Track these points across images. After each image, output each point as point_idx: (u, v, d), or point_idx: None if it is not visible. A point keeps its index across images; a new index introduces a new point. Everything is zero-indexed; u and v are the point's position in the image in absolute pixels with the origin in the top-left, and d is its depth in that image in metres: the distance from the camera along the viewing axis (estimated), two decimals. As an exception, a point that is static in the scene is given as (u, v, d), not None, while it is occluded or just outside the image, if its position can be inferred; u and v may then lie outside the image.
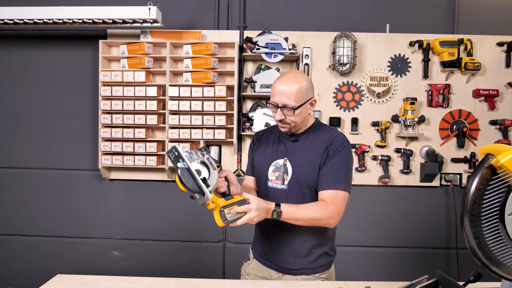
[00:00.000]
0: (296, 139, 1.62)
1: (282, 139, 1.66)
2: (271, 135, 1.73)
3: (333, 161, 1.52)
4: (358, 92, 2.93)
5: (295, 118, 1.52)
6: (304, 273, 1.61)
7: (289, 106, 1.48)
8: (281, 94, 1.48)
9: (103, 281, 1.48)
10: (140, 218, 3.04)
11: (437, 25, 2.98)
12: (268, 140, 1.71)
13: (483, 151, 1.02)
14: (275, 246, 1.64)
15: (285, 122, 1.53)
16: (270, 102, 1.53)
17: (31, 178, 3.07)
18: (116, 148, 2.86)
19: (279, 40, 2.79)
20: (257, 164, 1.70)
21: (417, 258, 2.99)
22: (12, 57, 3.06)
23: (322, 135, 1.60)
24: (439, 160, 2.85)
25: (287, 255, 1.61)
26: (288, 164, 1.59)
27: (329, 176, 1.51)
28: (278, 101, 1.49)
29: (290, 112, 1.49)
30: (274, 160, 1.62)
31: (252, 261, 1.74)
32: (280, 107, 1.50)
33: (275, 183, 1.60)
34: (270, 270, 1.66)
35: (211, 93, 2.80)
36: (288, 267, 1.62)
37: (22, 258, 3.09)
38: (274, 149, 1.65)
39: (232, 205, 1.31)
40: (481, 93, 2.83)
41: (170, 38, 2.89)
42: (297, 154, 1.59)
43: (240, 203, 1.33)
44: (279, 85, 1.50)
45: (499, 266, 1.00)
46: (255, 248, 1.75)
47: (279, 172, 1.60)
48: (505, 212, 0.96)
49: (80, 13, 2.58)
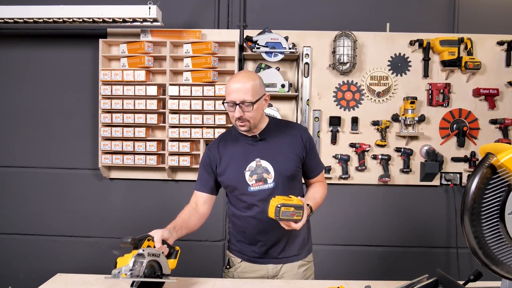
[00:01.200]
0: (262, 137, 1.64)
1: (245, 143, 1.65)
2: (228, 144, 1.70)
3: (313, 152, 1.71)
4: (358, 91, 2.93)
5: (253, 114, 1.56)
6: (301, 257, 1.71)
7: (248, 101, 1.53)
8: (238, 91, 1.52)
9: (103, 280, 1.47)
10: (140, 217, 3.04)
11: (437, 24, 2.97)
12: (229, 149, 1.68)
13: (483, 150, 1.02)
14: (272, 243, 1.66)
15: (244, 119, 1.55)
16: (227, 102, 1.55)
17: (31, 177, 3.07)
18: (116, 147, 2.86)
19: (279, 39, 2.79)
20: (227, 176, 1.65)
21: (417, 257, 2.99)
22: (12, 56, 3.06)
23: (285, 130, 1.69)
24: (439, 159, 2.85)
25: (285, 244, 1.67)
26: (265, 163, 1.61)
27: (316, 164, 1.74)
28: (236, 98, 1.53)
29: (249, 107, 1.53)
30: (247, 165, 1.61)
31: (241, 265, 1.72)
32: (238, 104, 1.53)
33: (258, 186, 1.61)
34: (267, 266, 1.68)
35: (211, 92, 2.80)
36: (288, 255, 1.68)
37: (23, 257, 3.09)
38: (242, 155, 1.64)
39: (290, 206, 1.39)
40: (481, 92, 2.83)
41: (170, 37, 2.89)
42: (270, 151, 1.62)
43: (297, 208, 1.40)
44: (234, 83, 1.55)
45: (499, 265, 1.00)
46: (243, 252, 1.72)
47: (256, 174, 1.60)
48: (505, 211, 0.96)
49: (80, 12, 2.57)
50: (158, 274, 1.31)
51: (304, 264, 1.73)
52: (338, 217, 2.97)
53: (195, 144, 2.91)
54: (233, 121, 1.60)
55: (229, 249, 1.80)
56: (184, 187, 3.00)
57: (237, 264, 1.73)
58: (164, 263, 1.34)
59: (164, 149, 2.88)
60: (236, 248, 1.75)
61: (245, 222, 1.67)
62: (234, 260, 1.75)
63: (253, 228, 1.65)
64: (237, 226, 1.72)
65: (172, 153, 2.85)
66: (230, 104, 1.55)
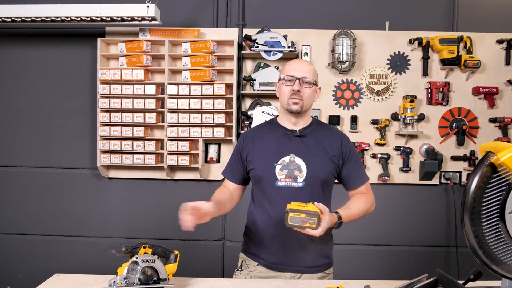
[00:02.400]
0: (302, 134, 1.60)
1: (283, 136, 1.62)
2: (264, 133, 1.67)
3: (354, 160, 1.63)
4: (358, 90, 2.92)
5: (309, 94, 1.56)
6: (321, 270, 1.63)
7: (308, 78, 1.54)
8: (301, 69, 1.55)
9: (102, 280, 1.47)
10: (139, 216, 3.03)
11: (436, 23, 2.97)
12: (264, 139, 1.64)
13: (483, 149, 1.02)
14: (291, 250, 1.57)
15: (300, 95, 1.54)
16: (286, 76, 1.55)
17: (29, 177, 3.06)
18: (115, 146, 2.85)
19: (278, 38, 2.78)
20: (256, 165, 1.60)
21: (417, 256, 2.99)
22: (10, 55, 3.04)
23: (326, 133, 1.64)
24: (439, 158, 2.84)
25: (306, 252, 1.58)
26: (299, 160, 1.55)
27: (358, 173, 1.65)
28: (297, 74, 1.54)
29: (308, 85, 1.55)
30: (280, 158, 1.56)
31: (257, 268, 1.63)
32: (299, 79, 1.53)
33: (286, 182, 1.54)
34: (284, 274, 1.59)
35: (210, 91, 2.79)
36: (308, 265, 1.60)
37: (21, 257, 3.08)
38: (276, 147, 1.59)
39: (301, 212, 1.33)
40: (480, 91, 2.82)
41: (168, 36, 2.88)
42: (307, 150, 1.57)
43: (309, 214, 1.33)
44: (297, 62, 1.61)
45: (499, 265, 0.99)
46: (261, 256, 1.62)
47: (287, 170, 1.55)
48: (506, 210, 0.96)
49: (79, 11, 2.56)
50: (155, 280, 1.32)
51: (324, 277, 1.64)
52: (337, 216, 2.96)
53: (194, 143, 2.90)
54: (286, 99, 1.57)
55: (244, 251, 1.70)
56: (183, 186, 2.99)
57: (252, 267, 1.64)
58: (160, 268, 1.35)
59: (163, 149, 2.87)
60: (252, 250, 1.65)
61: (267, 221, 1.59)
62: (248, 263, 1.66)
63: (274, 229, 1.57)
64: (257, 225, 1.62)
65: (171, 152, 2.84)
66: (289, 78, 1.55)
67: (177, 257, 1.42)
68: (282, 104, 1.61)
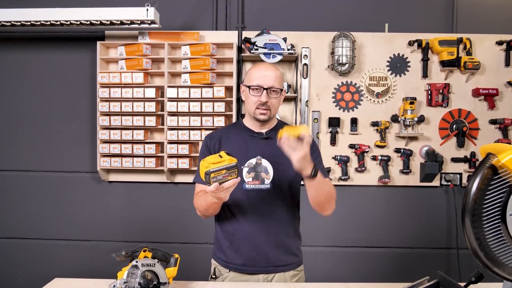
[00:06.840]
0: (268, 136, 1.61)
1: (250, 138, 1.62)
2: (231, 135, 1.64)
3: (315, 156, 1.57)
4: (357, 92, 2.92)
5: (276, 103, 1.56)
6: (292, 268, 1.62)
7: (276, 87, 1.52)
8: (267, 77, 1.52)
9: (102, 284, 1.46)
10: (139, 220, 3.02)
11: (436, 24, 2.97)
12: (230, 141, 1.62)
13: (484, 150, 1.01)
14: (261, 251, 1.57)
15: (268, 106, 1.53)
16: (253, 85, 1.52)
17: (29, 181, 3.06)
18: (115, 150, 2.84)
19: (277, 40, 2.78)
20: None
21: (418, 258, 2.98)
22: (10, 59, 3.05)
23: None
24: (439, 159, 2.84)
25: (276, 251, 1.58)
26: (265, 162, 1.56)
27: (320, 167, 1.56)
28: (264, 83, 1.51)
29: (276, 94, 1.53)
30: (247, 161, 1.56)
31: (230, 274, 1.60)
32: (266, 89, 1.51)
33: (254, 184, 1.55)
34: (257, 276, 1.58)
35: (210, 94, 2.79)
36: (279, 264, 1.59)
37: (21, 261, 3.07)
38: (243, 150, 1.58)
39: (220, 170, 1.28)
40: (480, 92, 2.82)
41: (168, 39, 2.88)
42: (273, 152, 1.55)
43: (229, 169, 1.29)
44: (263, 69, 1.54)
45: (500, 267, 0.98)
46: (230, 261, 1.60)
47: (255, 172, 1.56)
48: (507, 212, 0.95)
49: (78, 14, 2.56)
50: (155, 284, 1.32)
51: (296, 274, 1.65)
52: (337, 219, 2.95)
53: (194, 146, 2.90)
54: (253, 108, 1.55)
55: (215, 257, 1.68)
56: (183, 189, 2.99)
57: (225, 274, 1.62)
58: (160, 271, 1.34)
59: (163, 152, 2.87)
60: (222, 257, 1.63)
61: (234, 224, 1.58)
62: (221, 269, 1.63)
63: (242, 231, 1.57)
64: (225, 229, 1.61)
65: (171, 156, 2.84)
66: (256, 88, 1.52)
67: (177, 261, 1.42)
68: (249, 111, 1.60)
